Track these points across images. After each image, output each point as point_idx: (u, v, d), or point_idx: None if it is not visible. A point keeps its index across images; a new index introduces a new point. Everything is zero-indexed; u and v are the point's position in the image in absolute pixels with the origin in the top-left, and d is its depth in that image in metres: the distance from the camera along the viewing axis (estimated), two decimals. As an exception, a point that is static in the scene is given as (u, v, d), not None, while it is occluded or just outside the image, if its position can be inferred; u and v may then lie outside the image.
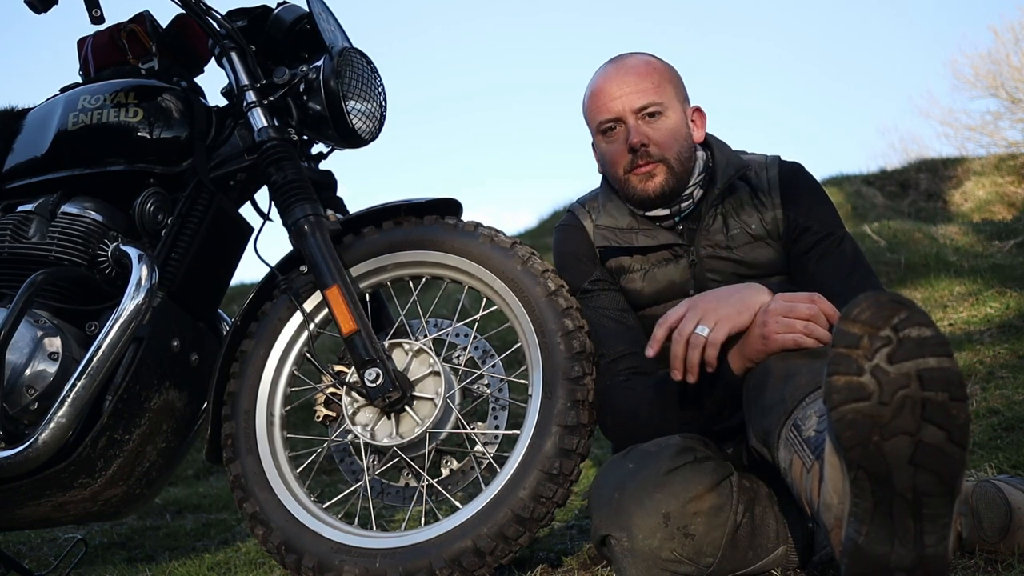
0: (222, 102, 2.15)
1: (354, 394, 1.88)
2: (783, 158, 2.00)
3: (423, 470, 1.85)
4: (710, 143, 1.99)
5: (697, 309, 1.63)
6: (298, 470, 1.94)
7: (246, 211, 2.20)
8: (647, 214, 1.94)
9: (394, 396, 1.81)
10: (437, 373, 1.86)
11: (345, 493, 1.94)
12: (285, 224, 1.94)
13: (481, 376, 1.94)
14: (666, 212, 1.94)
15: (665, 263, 1.93)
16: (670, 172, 1.89)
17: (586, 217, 2.01)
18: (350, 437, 1.91)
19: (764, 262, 1.91)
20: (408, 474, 1.94)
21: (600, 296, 1.94)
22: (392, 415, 1.87)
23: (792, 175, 1.95)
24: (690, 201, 1.94)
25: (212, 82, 2.23)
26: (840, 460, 1.25)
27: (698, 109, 1.98)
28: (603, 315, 1.91)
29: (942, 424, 1.19)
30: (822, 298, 1.58)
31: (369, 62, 2.10)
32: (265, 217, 2.11)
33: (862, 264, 1.89)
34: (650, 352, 1.65)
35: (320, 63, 2.00)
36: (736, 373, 1.64)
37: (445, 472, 1.92)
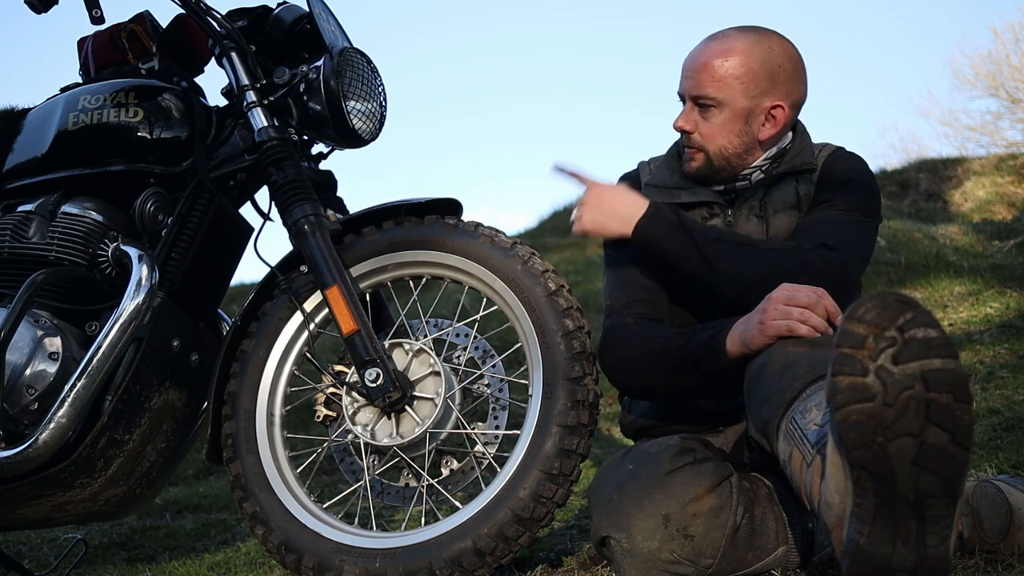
0: (222, 102, 2.14)
1: (354, 394, 1.88)
2: (845, 149, 1.98)
3: (423, 470, 1.85)
4: (798, 130, 1.98)
5: (590, 197, 1.86)
6: (298, 470, 1.94)
7: (246, 211, 2.20)
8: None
9: (394, 396, 1.81)
10: (437, 373, 1.86)
11: (345, 493, 1.94)
12: (285, 224, 1.94)
13: (481, 376, 1.94)
14: (720, 188, 1.96)
15: (702, 221, 1.93)
16: (707, 162, 1.91)
17: (645, 172, 2.05)
18: (350, 437, 1.90)
19: (784, 233, 1.90)
20: (408, 474, 1.94)
21: (635, 248, 1.93)
22: (392, 415, 1.86)
23: (838, 159, 1.94)
24: (746, 182, 1.94)
25: (212, 82, 2.23)
26: (843, 460, 1.25)
27: (780, 106, 1.88)
28: (632, 265, 1.94)
29: (946, 426, 1.18)
30: (826, 293, 1.58)
31: (369, 62, 2.10)
32: (265, 217, 2.11)
33: (845, 229, 1.83)
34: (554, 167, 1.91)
35: (320, 63, 2.00)
36: (729, 353, 1.65)
37: (445, 472, 1.92)
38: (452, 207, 1.96)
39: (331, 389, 1.94)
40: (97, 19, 1.96)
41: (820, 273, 1.71)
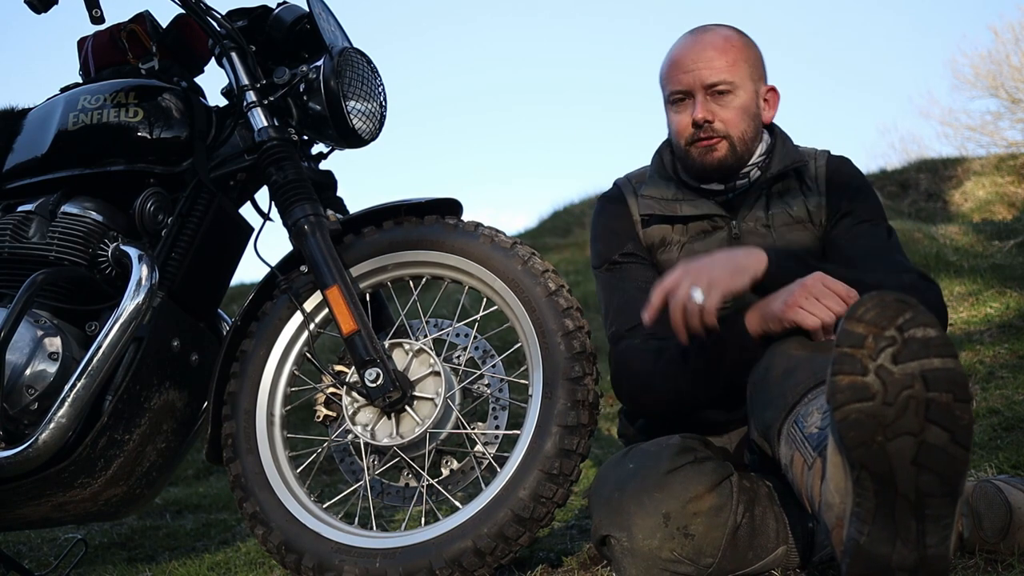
0: (222, 102, 2.14)
1: (354, 394, 1.88)
2: (832, 153, 2.01)
3: (423, 470, 1.85)
4: (775, 130, 1.99)
5: (690, 273, 1.63)
6: (298, 470, 1.94)
7: (246, 211, 2.20)
8: (702, 186, 1.95)
9: (394, 396, 1.81)
10: (437, 373, 1.86)
11: (345, 493, 1.94)
12: (285, 224, 1.94)
13: (481, 376, 1.94)
14: (721, 187, 1.95)
15: (704, 236, 1.93)
16: (731, 148, 1.90)
17: (629, 192, 2.02)
18: (350, 437, 1.90)
19: (799, 245, 1.90)
20: (408, 474, 1.94)
21: (632, 268, 1.94)
22: (392, 415, 1.86)
23: (839, 165, 1.97)
24: (746, 180, 1.94)
25: (212, 82, 2.23)
26: (843, 460, 1.25)
27: (773, 89, 1.96)
28: (633, 286, 1.92)
29: (946, 425, 1.19)
30: (857, 295, 1.57)
31: (369, 62, 2.10)
32: (265, 217, 2.11)
33: (895, 244, 1.87)
34: (647, 317, 1.67)
35: (320, 63, 2.00)
36: (752, 333, 1.64)
37: (445, 472, 1.92)
38: (452, 207, 1.96)
39: (331, 389, 1.94)
40: (97, 19, 1.96)
41: (937, 307, 1.74)
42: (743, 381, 1.70)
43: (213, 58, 2.07)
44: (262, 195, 2.15)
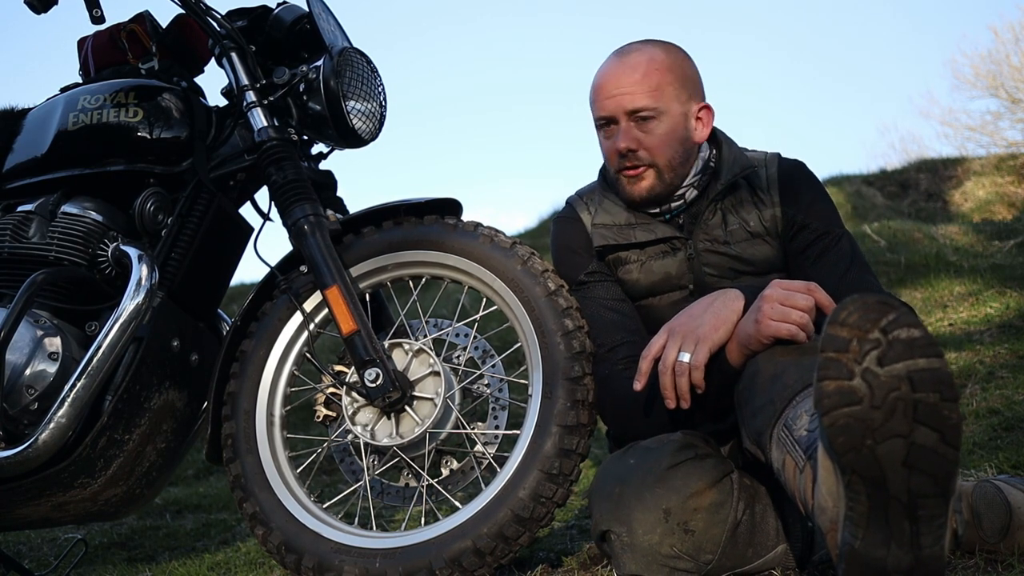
0: (222, 102, 2.15)
1: (354, 394, 1.88)
2: (783, 155, 1.99)
3: (423, 470, 1.85)
4: (718, 139, 1.96)
5: (676, 335, 1.63)
6: (298, 470, 1.94)
7: (246, 211, 2.20)
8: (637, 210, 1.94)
9: (394, 396, 1.82)
10: (437, 373, 1.86)
11: (345, 493, 1.94)
12: (285, 224, 1.94)
13: (481, 376, 1.94)
14: (656, 210, 1.93)
15: (663, 256, 1.92)
16: (659, 177, 1.88)
17: (584, 210, 2.00)
18: (350, 437, 1.91)
19: (761, 259, 1.90)
20: (408, 474, 1.94)
21: (596, 287, 1.93)
22: (392, 415, 1.87)
23: (791, 172, 1.94)
24: (681, 201, 1.93)
25: (212, 82, 2.23)
26: (833, 464, 1.25)
27: (707, 107, 1.91)
28: (600, 305, 1.91)
29: (934, 425, 1.18)
30: (818, 288, 1.57)
31: (369, 62, 2.10)
32: (265, 217, 2.11)
33: (859, 262, 1.87)
34: (638, 386, 1.65)
35: (320, 63, 2.00)
36: (732, 362, 1.61)
37: (445, 472, 1.92)
38: (452, 207, 1.96)
39: (331, 389, 1.94)
40: (97, 19, 1.96)
41: None
42: (730, 403, 1.69)
43: (213, 58, 2.07)
44: (262, 195, 2.16)
